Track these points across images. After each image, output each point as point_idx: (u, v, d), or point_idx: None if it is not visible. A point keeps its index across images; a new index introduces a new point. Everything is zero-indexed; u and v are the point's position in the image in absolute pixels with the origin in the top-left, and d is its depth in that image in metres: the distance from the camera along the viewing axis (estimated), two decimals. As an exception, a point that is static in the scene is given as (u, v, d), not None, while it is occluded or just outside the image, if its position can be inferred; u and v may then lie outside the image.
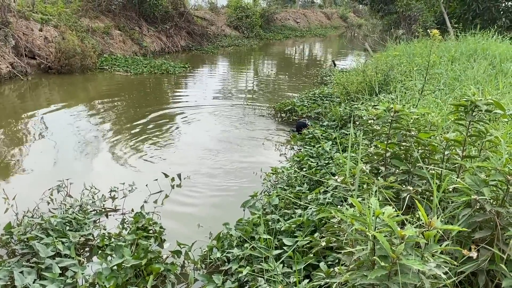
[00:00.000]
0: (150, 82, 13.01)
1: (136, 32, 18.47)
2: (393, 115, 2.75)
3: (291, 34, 34.92)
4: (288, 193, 4.33)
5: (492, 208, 2.06)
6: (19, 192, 4.80)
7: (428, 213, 2.52)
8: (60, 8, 15.75)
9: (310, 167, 5.07)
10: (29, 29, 13.38)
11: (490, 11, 15.29)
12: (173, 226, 4.31)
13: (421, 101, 4.81)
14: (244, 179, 5.62)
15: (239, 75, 15.93)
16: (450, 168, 2.66)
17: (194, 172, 5.75)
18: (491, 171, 2.11)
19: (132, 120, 8.37)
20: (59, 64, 12.69)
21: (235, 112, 9.29)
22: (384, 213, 1.81)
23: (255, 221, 3.69)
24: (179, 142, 7.23)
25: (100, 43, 15.81)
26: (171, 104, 10.11)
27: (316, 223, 3.38)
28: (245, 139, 7.31)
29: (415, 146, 2.78)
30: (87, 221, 4.12)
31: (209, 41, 23.57)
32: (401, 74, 8.07)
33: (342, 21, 51.42)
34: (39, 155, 6.39)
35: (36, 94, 10.67)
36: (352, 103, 7.45)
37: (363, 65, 9.64)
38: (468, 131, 2.44)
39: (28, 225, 3.81)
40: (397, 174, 2.69)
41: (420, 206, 1.78)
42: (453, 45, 10.28)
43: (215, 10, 29.23)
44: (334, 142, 5.86)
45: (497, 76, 6.92)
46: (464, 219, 2.14)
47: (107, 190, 4.96)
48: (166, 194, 5.10)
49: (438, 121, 3.42)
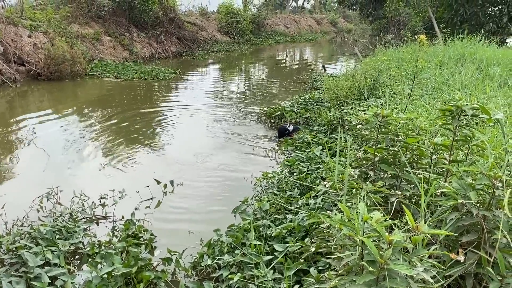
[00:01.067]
0: (140, 88, 12.98)
1: (126, 38, 18.43)
2: (381, 120, 2.78)
3: (282, 39, 35.10)
4: (279, 198, 4.34)
5: (479, 211, 2.08)
6: (8, 200, 4.76)
7: (416, 217, 2.54)
8: (49, 14, 15.65)
9: (301, 171, 5.09)
10: (18, 35, 13.28)
11: (477, 16, 15.50)
12: (164, 233, 4.30)
13: (409, 106, 4.86)
14: (235, 184, 5.62)
15: (230, 80, 15.95)
16: (438, 172, 2.69)
17: (184, 177, 5.74)
18: (477, 175, 2.14)
19: (122, 126, 8.34)
20: (49, 70, 12.61)
21: (226, 117, 9.29)
22: (372, 218, 1.83)
23: (246, 227, 3.69)
24: (169, 148, 7.21)
25: (90, 49, 15.74)
26: (161, 110, 10.09)
27: (306, 228, 3.39)
28: (235, 144, 7.31)
29: (403, 150, 2.81)
30: (77, 229, 4.08)
31: (199, 47, 23.58)
32: (390, 79, 8.14)
33: (332, 26, 51.81)
34: (28, 162, 6.33)
35: (25, 101, 10.59)
36: (341, 108, 7.49)
37: (353, 70, 9.71)
38: (455, 136, 2.47)
39: (17, 234, 3.76)
40: (385, 179, 2.72)
41: (407, 211, 1.79)
42: (441, 50, 10.39)
43: (206, 16, 29.28)
44: (325, 146, 5.89)
45: (484, 80, 7.02)
46: (451, 223, 2.16)
47: (97, 197, 4.93)
48: (159, 200, 5.08)
49: (426, 126, 3.46)
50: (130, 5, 19.12)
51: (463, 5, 15.52)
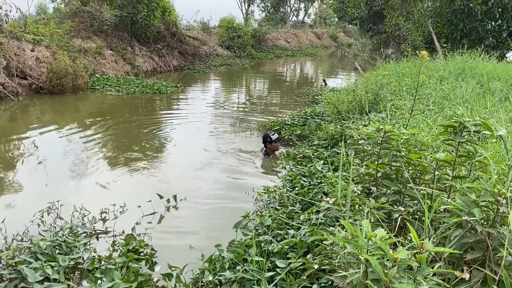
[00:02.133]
0: (142, 102, 13.03)
1: (128, 52, 18.57)
2: (383, 135, 2.77)
3: (282, 53, 35.37)
4: (280, 213, 4.31)
5: (483, 229, 2.06)
6: (8, 214, 4.74)
7: (420, 233, 2.52)
8: (52, 29, 15.82)
9: (303, 186, 5.06)
10: (20, 49, 13.39)
11: (477, 31, 15.61)
12: (164, 248, 4.26)
13: (411, 121, 4.86)
14: (236, 198, 5.60)
15: (231, 94, 16.02)
16: (441, 188, 2.67)
17: (185, 192, 5.71)
18: (481, 192, 2.13)
19: (123, 140, 8.35)
20: (51, 84, 12.69)
21: (227, 131, 9.30)
22: (376, 236, 1.81)
23: (248, 243, 3.66)
24: (170, 161, 7.20)
25: (92, 63, 15.85)
26: (162, 124, 10.11)
27: (309, 244, 3.36)
28: (237, 158, 7.31)
29: (405, 166, 2.80)
30: (77, 244, 4.05)
31: (201, 61, 23.76)
32: (391, 93, 8.17)
33: (332, 40, 52.26)
34: (30, 176, 6.32)
35: (27, 115, 10.62)
36: (343, 122, 7.50)
37: (353, 85, 9.75)
38: (457, 152, 2.47)
39: (16, 249, 3.74)
40: (388, 195, 2.70)
41: (412, 229, 1.78)
42: (441, 64, 10.44)
43: (207, 30, 29.56)
44: (326, 161, 5.87)
45: (485, 95, 7.04)
46: (455, 240, 2.14)
47: (97, 212, 4.91)
48: (161, 215, 5.05)
49: (428, 141, 3.46)
50: (132, 20, 19.32)
51: (463, 20, 15.64)
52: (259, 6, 51.07)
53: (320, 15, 62.23)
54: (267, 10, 51.06)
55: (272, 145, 7.18)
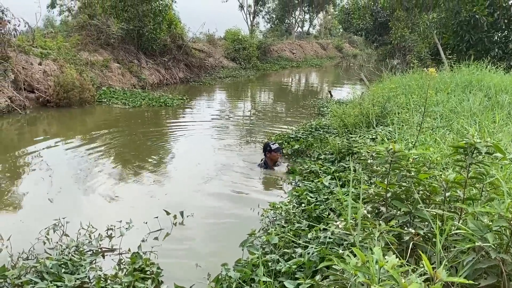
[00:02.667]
0: (148, 114, 13.07)
1: (135, 65, 18.70)
2: (393, 155, 2.74)
3: (288, 64, 35.48)
4: (287, 230, 4.26)
5: (497, 254, 2.02)
6: (14, 230, 4.72)
7: (431, 254, 2.47)
8: (59, 42, 15.98)
9: (309, 202, 5.01)
10: (28, 63, 13.53)
11: (483, 42, 15.57)
12: (171, 267, 4.22)
13: (419, 137, 4.81)
14: (241, 214, 5.54)
15: (237, 106, 16.04)
16: (452, 209, 2.62)
17: (190, 207, 5.67)
18: (494, 216, 2.08)
19: (130, 154, 8.36)
20: (58, 97, 12.78)
21: (233, 144, 9.28)
22: (388, 263, 1.77)
23: (254, 262, 3.61)
24: (176, 176, 7.18)
25: (98, 76, 15.97)
26: (168, 137, 10.12)
27: (317, 264, 3.31)
28: (242, 172, 7.27)
29: (415, 186, 2.76)
30: (83, 262, 4.02)
31: (207, 73, 23.87)
32: (398, 106, 8.12)
33: (338, 51, 52.36)
34: (36, 190, 6.32)
35: (34, 128, 10.68)
36: (350, 135, 7.46)
37: (360, 98, 9.72)
38: (468, 173, 2.43)
39: (22, 268, 3.72)
40: (398, 216, 2.66)
41: (424, 258, 1.73)
42: (448, 77, 10.40)
43: (213, 42, 29.75)
44: (333, 176, 5.82)
45: (493, 108, 6.98)
46: (469, 265, 2.09)
47: (104, 228, 4.88)
48: (168, 232, 5.01)
49: (437, 159, 3.41)
50: (139, 33, 19.49)
51: (469, 32, 15.61)
52: (264, 18, 51.50)
53: (325, 26, 62.51)
54: (272, 21, 51.43)
55: (272, 154, 7.15)
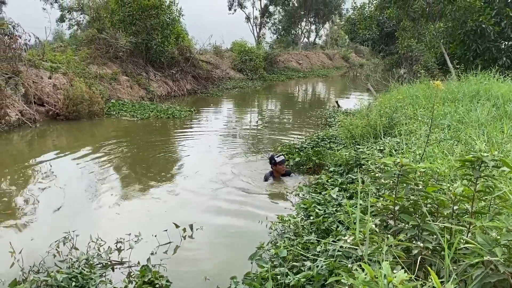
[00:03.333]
0: (156, 127, 13.18)
1: (143, 77, 18.92)
2: (400, 169, 2.75)
3: (294, 75, 35.63)
4: (295, 243, 4.27)
5: (506, 269, 2.02)
6: (25, 243, 4.78)
7: (439, 268, 2.47)
8: (69, 56, 16.23)
9: (318, 215, 5.01)
10: (38, 77, 13.74)
11: (490, 51, 15.53)
12: (180, 279, 4.24)
13: (427, 149, 4.81)
14: (249, 227, 5.55)
15: (244, 117, 16.12)
16: (460, 222, 2.63)
17: (198, 220, 5.68)
18: (502, 230, 2.09)
19: (138, 166, 8.42)
20: (67, 110, 12.94)
21: (240, 156, 9.32)
22: (396, 278, 1.78)
23: (263, 275, 3.62)
24: (184, 188, 7.21)
25: (107, 89, 16.17)
26: (176, 149, 10.19)
27: (326, 277, 3.31)
28: (250, 185, 7.28)
29: (423, 199, 2.77)
30: (93, 276, 4.05)
31: (214, 84, 24.06)
32: (405, 117, 8.12)
33: (344, 61, 52.52)
34: (46, 204, 6.39)
35: (44, 141, 10.81)
36: (357, 146, 7.46)
37: (367, 109, 9.74)
38: (476, 187, 2.43)
39: (33, 282, 3.76)
40: (406, 230, 2.66)
41: (432, 273, 1.75)
42: (455, 86, 10.37)
43: (220, 54, 30.00)
44: (341, 188, 5.82)
45: (502, 118, 6.95)
46: (478, 279, 2.09)
47: (113, 241, 4.91)
48: (177, 245, 5.02)
49: (444, 171, 3.42)
50: (147, 46, 19.73)
51: (476, 41, 15.59)
52: (270, 29, 51.83)
53: (331, 36, 62.78)
54: (278, 32, 51.75)
55: (277, 167, 7.20)
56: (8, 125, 11.26)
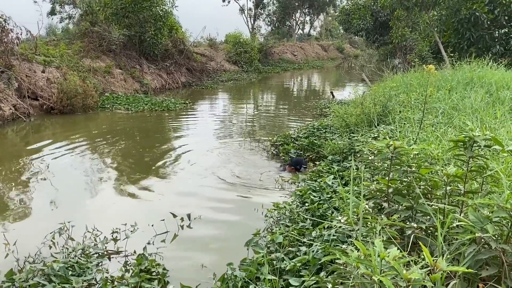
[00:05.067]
0: (151, 119, 13.14)
1: (137, 70, 18.81)
2: (393, 151, 2.77)
3: (289, 67, 35.55)
4: (291, 229, 4.29)
5: (498, 245, 2.04)
6: (20, 235, 4.77)
7: (433, 249, 2.49)
8: (62, 50, 16.10)
9: (313, 201, 5.04)
10: (31, 71, 13.63)
11: (484, 39, 15.54)
12: (176, 267, 4.26)
13: (420, 134, 4.84)
14: (245, 215, 5.57)
15: (239, 109, 16.10)
16: (453, 203, 2.65)
17: (195, 209, 5.69)
18: (494, 208, 2.11)
19: (133, 158, 8.41)
20: (61, 104, 12.86)
21: (235, 146, 9.32)
22: (389, 255, 1.80)
23: (260, 261, 3.65)
24: (179, 179, 7.22)
25: (101, 82, 16.07)
26: (171, 141, 10.18)
27: (321, 261, 3.34)
28: (245, 174, 7.29)
29: (416, 181, 2.78)
30: (89, 265, 4.07)
31: (208, 77, 23.97)
32: (399, 105, 8.14)
33: (339, 52, 52.43)
34: (41, 196, 6.38)
35: (38, 135, 10.75)
36: (352, 135, 7.48)
37: (361, 97, 9.74)
38: (468, 167, 2.45)
39: (30, 272, 3.76)
40: (400, 211, 2.68)
41: (425, 249, 1.76)
42: (449, 74, 10.40)
43: (214, 46, 29.87)
44: (336, 175, 5.85)
45: (495, 104, 6.99)
46: (470, 256, 2.11)
47: (109, 231, 4.92)
48: (175, 234, 5.03)
49: (438, 154, 3.44)
50: (140, 39, 19.61)
51: (469, 29, 15.60)
52: (265, 21, 51.59)
53: (325, 27, 62.60)
54: (273, 24, 51.52)
55: (290, 167, 7.22)
56: (2, 119, 11.18)
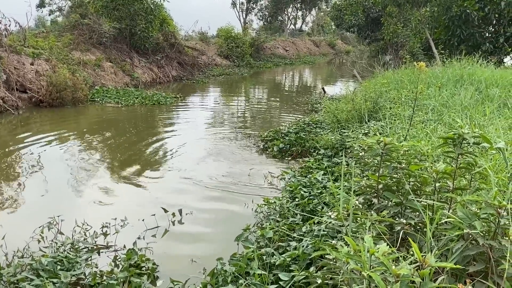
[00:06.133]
0: (141, 113, 13.06)
1: (128, 63, 18.65)
2: (383, 147, 2.78)
3: (281, 62, 35.51)
4: (281, 224, 4.30)
5: (485, 241, 2.06)
6: (8, 230, 4.72)
7: (422, 245, 2.52)
8: (51, 42, 15.90)
9: (303, 197, 5.05)
10: (20, 63, 13.45)
11: (474, 37, 15.67)
12: (166, 262, 4.25)
13: (411, 130, 4.87)
14: (236, 211, 5.57)
15: (230, 104, 16.05)
16: (442, 199, 2.67)
17: (184, 205, 5.68)
18: (481, 204, 2.13)
19: (123, 152, 8.35)
20: (50, 97, 12.72)
21: (226, 141, 9.31)
22: (378, 251, 1.81)
23: (249, 256, 3.65)
24: (169, 174, 7.18)
25: (91, 75, 15.91)
26: (161, 135, 10.12)
27: (311, 256, 3.35)
28: (235, 169, 7.28)
29: (406, 178, 2.80)
30: (78, 259, 4.04)
31: (200, 71, 23.84)
32: (390, 101, 8.19)
33: (330, 48, 52.48)
34: (30, 190, 6.31)
35: (27, 128, 10.63)
36: (342, 131, 7.51)
37: (352, 93, 9.78)
38: (457, 163, 2.48)
39: (18, 266, 3.73)
40: (389, 207, 2.70)
41: (414, 244, 1.78)
42: (440, 71, 10.47)
43: (206, 40, 29.71)
44: (326, 171, 5.87)
45: (484, 101, 7.06)
46: (458, 252, 2.14)
47: (99, 226, 4.89)
48: (166, 229, 5.01)
49: (427, 151, 3.46)
50: (131, 32, 19.44)
51: (460, 26, 15.71)
52: (257, 15, 51.45)
53: (317, 23, 62.59)
54: (265, 18, 51.40)
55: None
56: (-10, 112, 11.05)
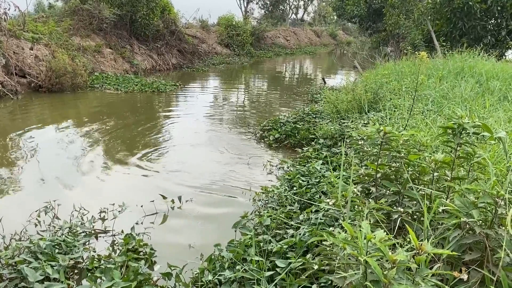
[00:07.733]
0: (141, 100, 13.02)
1: (127, 50, 18.54)
2: (383, 137, 2.78)
3: (281, 52, 35.36)
4: (279, 212, 4.32)
5: (481, 230, 2.07)
6: (6, 213, 4.73)
7: (419, 234, 2.53)
8: (51, 27, 15.78)
9: (301, 185, 5.07)
10: (19, 48, 13.36)
11: (476, 30, 15.59)
12: (164, 247, 4.27)
13: (410, 121, 4.87)
14: (234, 198, 5.59)
15: (230, 93, 16.01)
16: (440, 188, 2.68)
17: (183, 191, 5.69)
18: (479, 193, 2.14)
19: (122, 139, 8.34)
20: (50, 82, 12.66)
21: (226, 130, 9.31)
22: (375, 237, 1.82)
23: (247, 242, 3.67)
24: (168, 161, 7.19)
25: (91, 61, 15.82)
26: (161, 122, 10.11)
27: (308, 243, 3.37)
28: (235, 158, 7.30)
29: (405, 167, 2.81)
30: (76, 243, 4.05)
31: (200, 59, 23.73)
32: (390, 92, 8.17)
33: (332, 38, 52.23)
34: (28, 175, 6.31)
35: (25, 113, 10.60)
36: (342, 121, 7.50)
37: (353, 84, 9.75)
38: (456, 153, 2.48)
39: (16, 249, 3.74)
40: (387, 196, 2.71)
41: (410, 231, 1.79)
42: (441, 63, 10.44)
43: (206, 28, 29.51)
44: (325, 160, 5.88)
45: (484, 94, 7.05)
46: (454, 241, 2.15)
47: (97, 211, 4.91)
48: (165, 214, 5.04)
49: (427, 141, 3.46)
50: (131, 18, 19.29)
51: (462, 19, 15.62)
52: (258, 4, 50.96)
53: (319, 13, 62.17)
54: (266, 7, 50.97)
55: None
56: (-12, 96, 11.00)
